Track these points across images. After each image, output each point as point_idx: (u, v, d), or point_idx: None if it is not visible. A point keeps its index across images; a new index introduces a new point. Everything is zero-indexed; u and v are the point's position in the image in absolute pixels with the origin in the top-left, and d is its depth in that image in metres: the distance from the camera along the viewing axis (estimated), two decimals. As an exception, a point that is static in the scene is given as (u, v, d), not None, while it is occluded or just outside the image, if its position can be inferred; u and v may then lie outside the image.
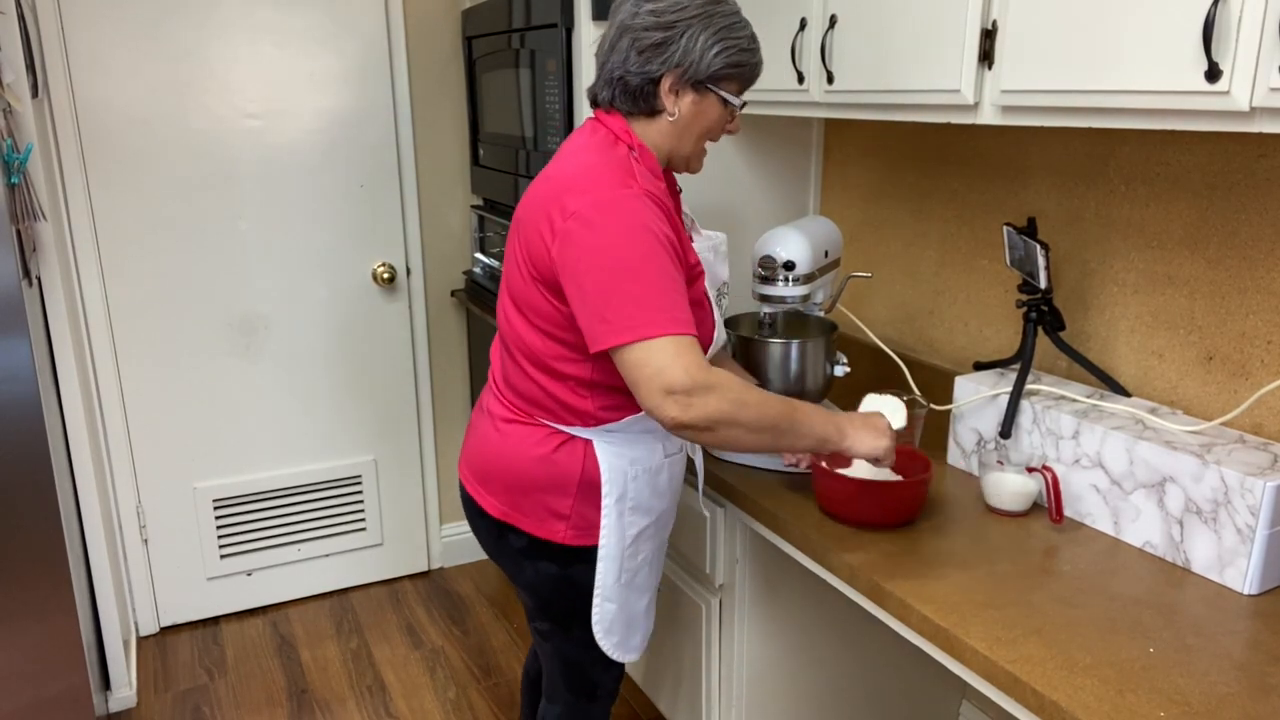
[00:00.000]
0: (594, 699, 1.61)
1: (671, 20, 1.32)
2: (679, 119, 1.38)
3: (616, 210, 1.25)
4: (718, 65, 1.34)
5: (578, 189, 1.28)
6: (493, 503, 1.45)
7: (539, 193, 1.35)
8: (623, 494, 1.43)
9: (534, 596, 1.51)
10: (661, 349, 1.20)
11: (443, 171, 2.84)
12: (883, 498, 1.47)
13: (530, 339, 1.38)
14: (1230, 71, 1.09)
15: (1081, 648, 1.18)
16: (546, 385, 1.39)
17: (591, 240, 1.24)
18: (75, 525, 2.19)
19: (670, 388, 1.20)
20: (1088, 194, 1.72)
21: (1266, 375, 1.48)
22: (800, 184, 2.36)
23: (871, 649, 2.01)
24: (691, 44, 1.32)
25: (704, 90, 1.37)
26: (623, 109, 1.39)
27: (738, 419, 1.24)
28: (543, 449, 1.41)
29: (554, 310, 1.33)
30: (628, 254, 1.23)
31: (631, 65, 1.34)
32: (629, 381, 1.24)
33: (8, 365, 1.72)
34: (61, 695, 1.88)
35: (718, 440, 1.25)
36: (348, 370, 2.85)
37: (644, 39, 1.33)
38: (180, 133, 2.51)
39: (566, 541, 1.43)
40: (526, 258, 1.34)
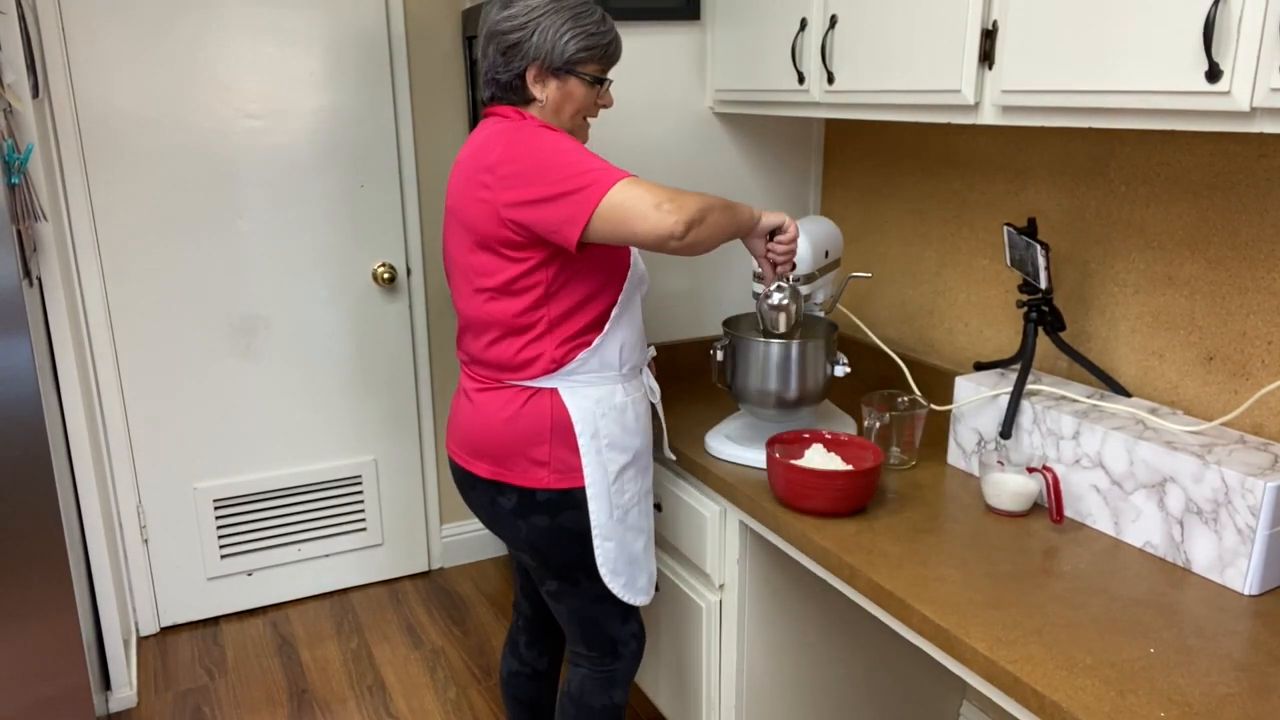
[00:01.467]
0: (618, 656, 1.71)
1: (522, 21, 1.47)
2: (548, 104, 1.52)
3: (524, 136, 1.43)
4: (571, 50, 1.48)
5: (487, 150, 1.45)
6: (481, 466, 1.58)
7: (458, 178, 1.52)
8: (595, 432, 1.55)
9: (534, 554, 1.60)
10: (624, 189, 1.36)
11: (443, 171, 2.84)
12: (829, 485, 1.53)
13: (489, 308, 1.51)
14: (1231, 71, 1.09)
15: (1082, 648, 1.18)
16: (509, 346, 1.52)
17: (520, 164, 1.40)
18: (75, 525, 2.19)
19: (653, 203, 1.34)
20: (1088, 194, 1.72)
21: (1267, 375, 1.48)
22: (800, 184, 2.36)
23: (872, 649, 2.01)
24: (543, 38, 1.47)
25: (563, 75, 1.50)
26: (504, 101, 1.54)
27: (709, 205, 1.40)
28: (511, 408, 1.54)
29: (507, 263, 1.46)
30: (554, 152, 1.39)
31: (498, 65, 1.50)
32: (619, 228, 1.36)
33: (8, 365, 1.72)
34: (62, 695, 1.88)
35: (709, 231, 1.40)
36: (348, 370, 2.85)
37: (504, 40, 1.48)
38: (181, 133, 2.51)
39: (550, 485, 1.55)
40: (470, 231, 1.48)
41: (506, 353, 1.53)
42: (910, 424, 1.73)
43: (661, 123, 2.17)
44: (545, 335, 1.51)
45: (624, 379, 1.59)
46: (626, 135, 2.15)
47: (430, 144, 2.80)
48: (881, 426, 1.74)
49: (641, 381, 1.65)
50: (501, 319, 1.51)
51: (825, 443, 1.68)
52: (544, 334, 1.51)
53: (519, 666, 1.90)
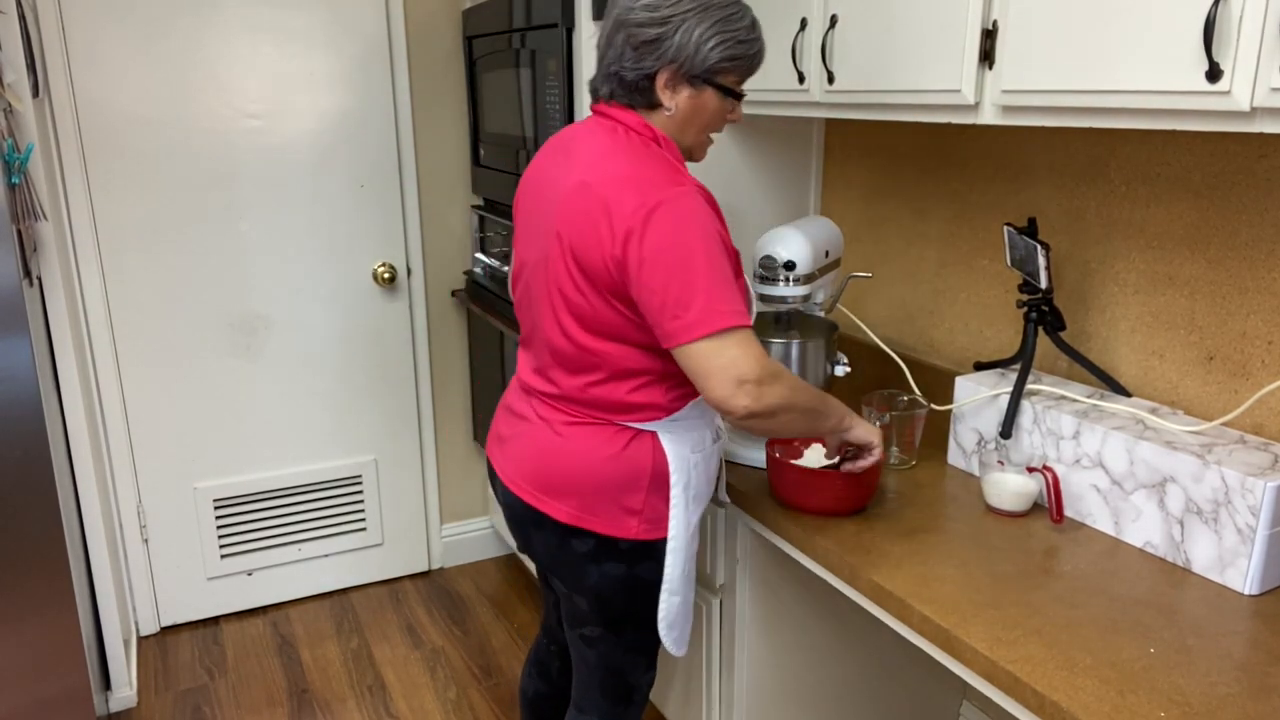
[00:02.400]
0: (630, 704, 1.60)
1: (666, 15, 1.30)
2: (676, 113, 1.37)
3: (675, 211, 1.25)
4: (714, 59, 1.33)
5: (632, 190, 1.27)
6: (562, 509, 1.42)
7: (577, 200, 1.31)
8: (688, 482, 1.44)
9: (594, 600, 1.48)
10: (731, 341, 1.24)
11: (443, 171, 2.84)
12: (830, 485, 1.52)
13: (592, 349, 1.36)
14: (1231, 71, 1.09)
15: (1082, 648, 1.18)
16: (615, 388, 1.38)
17: (658, 240, 1.24)
18: (75, 525, 2.19)
19: (743, 378, 1.24)
20: (1088, 194, 1.72)
21: (1267, 375, 1.48)
22: (800, 184, 2.36)
23: (872, 649, 2.00)
24: (686, 39, 1.31)
25: (700, 85, 1.35)
26: (623, 102, 1.38)
27: (794, 404, 1.30)
28: (612, 446, 1.40)
29: (623, 317, 1.33)
30: (693, 251, 1.24)
31: (627, 61, 1.34)
32: (698, 374, 1.26)
33: (8, 365, 1.72)
34: (62, 695, 1.88)
35: (774, 426, 1.31)
36: (348, 370, 2.85)
37: (638, 35, 1.32)
38: (181, 132, 2.51)
39: (638, 537, 1.43)
40: (582, 266, 1.32)
41: (613, 394, 1.39)
42: (910, 424, 1.73)
43: (661, 123, 2.17)
44: (655, 383, 1.39)
45: (710, 423, 1.50)
46: (626, 135, 2.14)
47: (430, 144, 2.80)
48: (881, 426, 1.74)
49: (717, 423, 1.54)
50: (609, 361, 1.36)
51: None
52: (654, 382, 1.39)
53: (549, 689, 1.82)
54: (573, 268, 1.33)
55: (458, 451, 3.09)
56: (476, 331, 2.88)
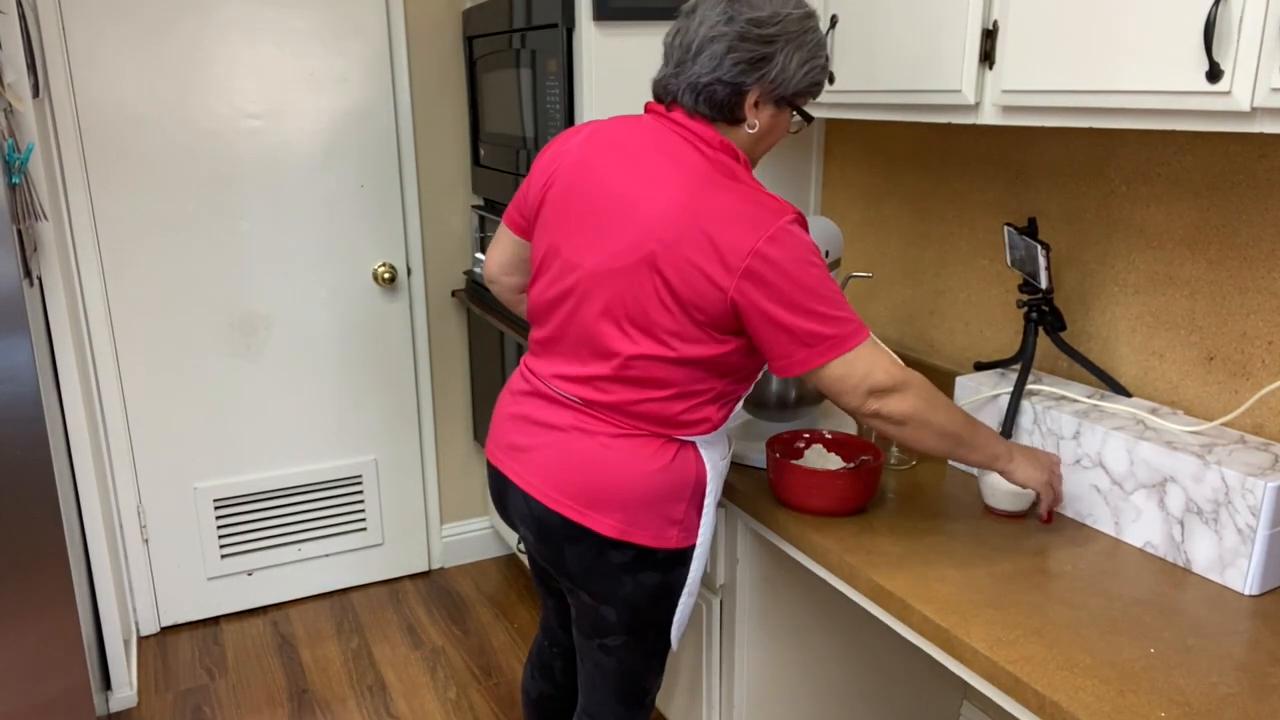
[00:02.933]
0: (642, 707, 1.60)
1: (772, 34, 1.31)
2: (757, 131, 1.38)
3: (790, 243, 1.27)
4: (803, 85, 1.36)
5: (741, 230, 1.27)
6: (606, 522, 1.40)
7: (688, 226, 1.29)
8: (718, 489, 1.48)
9: (626, 610, 1.47)
10: (860, 357, 1.30)
11: (443, 171, 2.84)
12: (830, 485, 1.53)
13: (665, 371, 1.36)
14: (1231, 71, 1.09)
15: (1082, 648, 1.18)
16: (674, 405, 1.39)
17: (777, 278, 1.26)
18: (76, 525, 2.19)
19: (875, 388, 1.30)
20: (1088, 194, 1.72)
21: (1267, 375, 1.47)
22: (800, 184, 2.36)
23: (872, 649, 2.00)
24: (788, 61, 1.33)
25: (784, 105, 1.38)
26: (705, 114, 1.37)
27: (928, 420, 1.33)
28: (661, 459, 1.40)
29: (715, 342, 1.34)
30: (810, 282, 1.27)
31: (724, 74, 1.32)
32: (833, 391, 1.32)
33: (8, 365, 1.72)
34: (62, 695, 1.88)
35: (904, 435, 1.34)
36: (348, 370, 2.85)
37: (743, 50, 1.31)
38: (181, 132, 2.51)
39: (677, 546, 1.44)
40: (681, 295, 1.30)
41: (669, 411, 1.38)
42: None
43: (662, 123, 2.17)
44: (711, 402, 1.41)
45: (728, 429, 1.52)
46: (627, 135, 2.14)
47: (431, 144, 2.80)
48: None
49: None
50: (676, 382, 1.37)
51: (825, 443, 1.68)
52: (710, 401, 1.40)
53: (554, 691, 1.81)
54: (666, 295, 1.31)
55: (458, 451, 3.09)
56: (476, 331, 2.88)
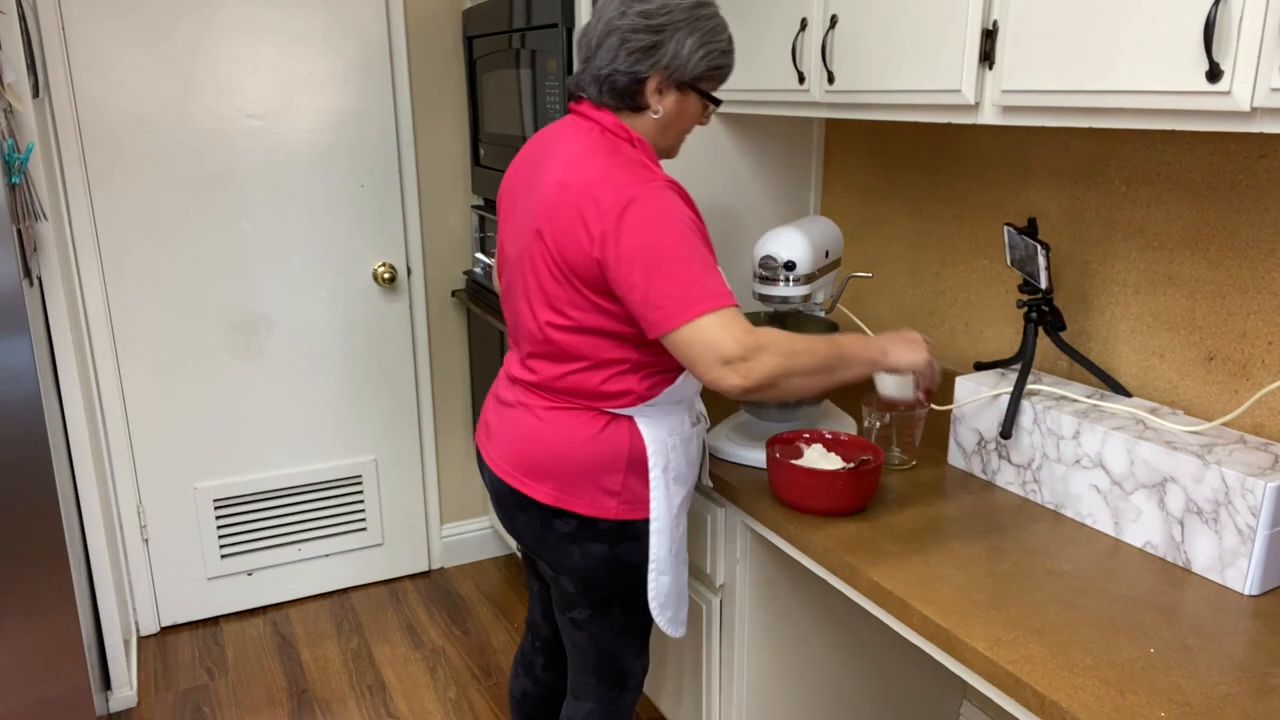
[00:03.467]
0: (625, 689, 1.65)
1: (661, 24, 1.38)
2: (662, 116, 1.44)
3: (649, 204, 1.31)
4: (701, 68, 1.41)
5: (607, 190, 1.32)
6: (542, 490, 1.48)
7: (557, 198, 1.37)
8: (666, 464, 1.49)
9: (579, 581, 1.53)
10: (709, 325, 1.27)
11: (443, 171, 2.84)
12: (830, 485, 1.52)
13: (571, 341, 1.42)
14: (1231, 71, 1.09)
15: (1082, 648, 1.18)
16: (591, 376, 1.44)
17: (633, 236, 1.30)
18: (76, 525, 2.19)
19: (726, 357, 1.26)
20: (1088, 194, 1.72)
21: (1267, 375, 1.47)
22: (801, 184, 2.36)
23: (872, 649, 2.00)
24: (679, 48, 1.39)
25: (686, 90, 1.43)
26: (610, 104, 1.44)
27: (793, 369, 1.30)
28: (589, 430, 1.46)
29: (603, 311, 1.38)
30: (667, 243, 1.29)
31: (620, 65, 1.39)
32: (686, 360, 1.30)
33: (8, 365, 1.72)
34: (62, 695, 1.88)
35: (782, 394, 1.32)
36: (348, 370, 2.85)
37: (633, 40, 1.38)
38: (181, 132, 2.51)
39: (617, 517, 1.48)
40: (560, 261, 1.37)
41: (589, 382, 1.45)
42: (910, 424, 1.73)
43: (662, 123, 2.17)
44: (630, 372, 1.44)
45: (689, 408, 1.55)
46: (627, 135, 2.14)
47: (430, 144, 2.80)
48: (881, 426, 1.74)
49: (698, 409, 1.60)
50: (586, 352, 1.43)
51: (825, 443, 1.68)
52: (629, 370, 1.44)
53: (535, 688, 1.84)
54: (552, 265, 1.39)
55: (458, 451, 3.09)
56: (476, 331, 2.88)
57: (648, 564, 1.52)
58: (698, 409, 1.59)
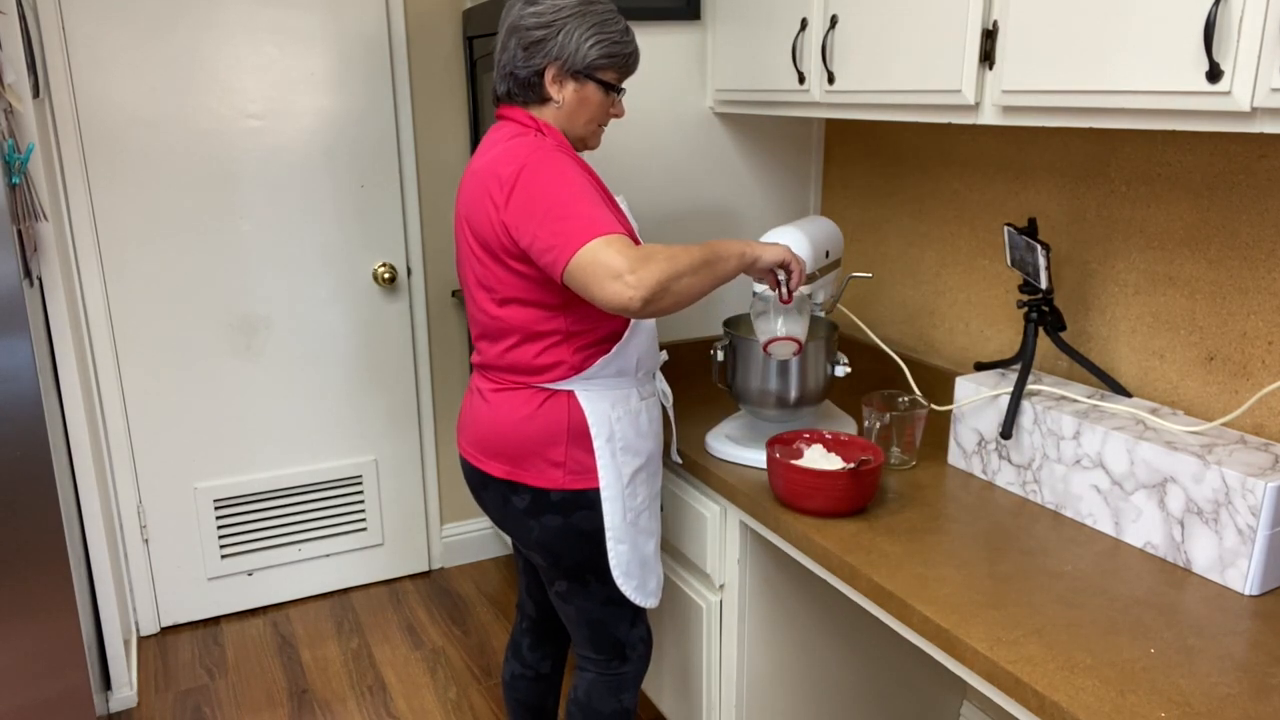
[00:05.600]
0: (625, 659, 1.71)
1: (550, 19, 1.49)
2: (564, 105, 1.54)
3: (536, 161, 1.42)
4: (593, 56, 1.50)
5: (502, 164, 1.45)
6: (497, 466, 1.58)
7: (472, 186, 1.51)
8: (610, 435, 1.56)
9: (546, 553, 1.61)
10: (595, 249, 1.33)
11: (443, 171, 2.84)
12: (830, 486, 1.53)
13: (505, 315, 1.52)
14: (1231, 72, 1.09)
15: (1083, 648, 1.18)
16: (527, 351, 1.53)
17: (525, 191, 1.40)
18: (76, 525, 2.19)
19: (614, 272, 1.31)
20: (1088, 194, 1.72)
21: (1267, 375, 1.47)
22: (800, 184, 2.36)
23: (872, 649, 2.00)
24: (568, 39, 1.49)
25: (583, 79, 1.52)
26: (519, 100, 1.55)
27: (679, 271, 1.36)
28: (528, 407, 1.55)
29: (520, 278, 1.47)
30: (554, 188, 1.39)
31: (518, 60, 1.51)
32: (583, 289, 1.35)
33: (8, 365, 1.72)
34: (62, 695, 1.88)
35: (674, 298, 1.36)
36: (348, 370, 2.85)
37: (527, 36, 1.50)
38: (181, 133, 2.51)
39: (564, 486, 1.56)
40: (480, 241, 1.49)
41: (524, 357, 1.54)
42: (910, 424, 1.73)
43: (662, 122, 2.17)
44: (563, 343, 1.52)
45: (639, 383, 1.60)
46: (627, 135, 2.15)
47: (430, 144, 2.80)
48: (882, 426, 1.74)
49: (655, 386, 1.66)
50: (517, 326, 1.52)
51: (825, 443, 1.68)
52: (561, 341, 1.52)
53: (521, 669, 1.90)
54: (475, 245, 1.51)
55: (457, 451, 3.08)
56: (477, 331, 2.88)
57: (604, 533, 1.58)
58: (653, 387, 1.65)
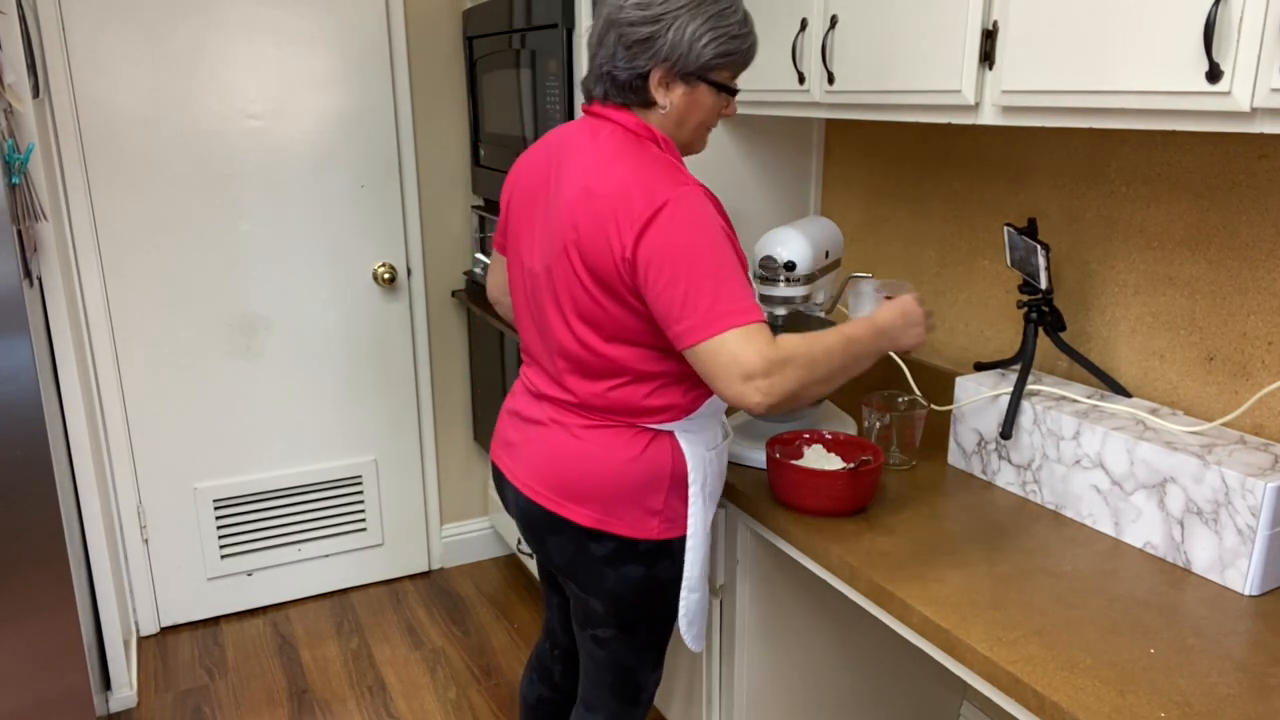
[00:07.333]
0: (637, 704, 1.60)
1: (658, 13, 1.29)
2: (671, 111, 1.36)
3: (679, 211, 1.25)
4: (708, 55, 1.31)
5: (638, 194, 1.26)
6: (583, 513, 1.41)
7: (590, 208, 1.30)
8: (704, 480, 1.44)
9: (611, 603, 1.47)
10: (732, 341, 1.22)
11: (443, 171, 2.84)
12: (830, 486, 1.52)
13: (613, 353, 1.35)
14: (1231, 72, 1.09)
15: (1082, 648, 1.18)
16: (634, 391, 1.38)
17: (661, 238, 1.24)
18: (76, 525, 2.19)
19: (747, 372, 1.21)
20: (1088, 194, 1.72)
21: (1267, 376, 1.47)
22: (800, 184, 2.36)
23: (872, 649, 2.00)
24: (679, 36, 1.29)
25: (694, 81, 1.34)
26: (618, 101, 1.37)
27: (814, 379, 1.27)
28: (633, 449, 1.39)
29: (637, 317, 1.32)
30: (696, 249, 1.23)
31: (619, 60, 1.32)
32: (706, 375, 1.25)
33: (8, 365, 1.72)
34: (62, 695, 1.88)
35: (802, 403, 1.28)
36: (348, 370, 2.85)
37: (630, 34, 1.30)
38: (181, 133, 2.51)
39: (658, 536, 1.42)
40: (593, 270, 1.31)
41: (632, 398, 1.38)
42: (910, 424, 1.73)
43: (662, 123, 2.17)
44: (673, 384, 1.39)
45: (719, 419, 1.50)
46: (627, 135, 2.14)
47: (431, 144, 2.80)
48: (881, 426, 1.74)
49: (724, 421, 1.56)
50: (626, 366, 1.36)
51: (825, 443, 1.68)
52: (672, 383, 1.38)
53: (551, 694, 1.81)
54: (585, 276, 1.32)
55: (458, 451, 3.09)
56: (476, 331, 2.88)
57: (680, 582, 1.48)
58: (723, 420, 1.55)
